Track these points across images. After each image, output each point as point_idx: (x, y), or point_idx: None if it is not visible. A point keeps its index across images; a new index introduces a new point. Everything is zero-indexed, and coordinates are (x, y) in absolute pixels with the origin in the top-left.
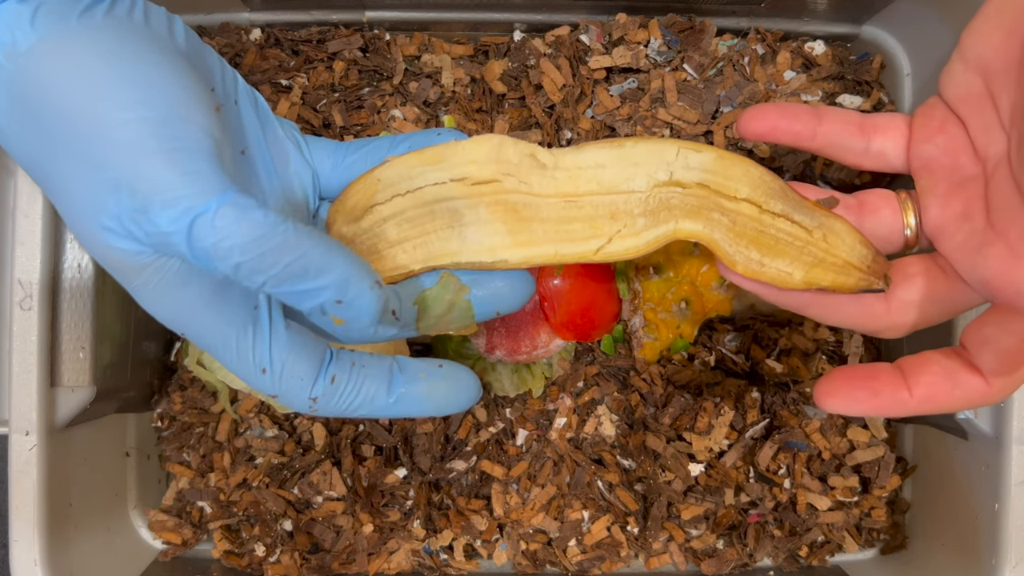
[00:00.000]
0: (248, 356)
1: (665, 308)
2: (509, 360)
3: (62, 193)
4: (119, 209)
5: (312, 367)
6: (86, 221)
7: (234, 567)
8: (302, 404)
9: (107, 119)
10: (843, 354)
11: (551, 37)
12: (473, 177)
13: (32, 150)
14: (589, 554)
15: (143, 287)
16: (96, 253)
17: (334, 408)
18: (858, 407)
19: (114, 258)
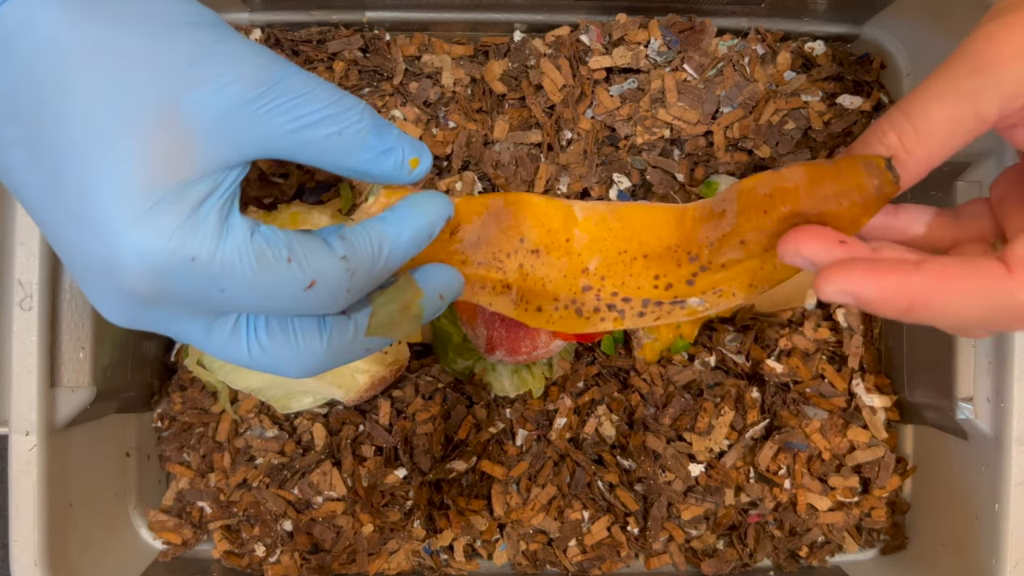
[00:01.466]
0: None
1: None
2: (509, 360)
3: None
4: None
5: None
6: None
7: (234, 567)
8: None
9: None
10: (843, 354)
11: (551, 37)
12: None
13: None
14: (589, 554)
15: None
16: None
17: (363, 255)
18: (855, 282)
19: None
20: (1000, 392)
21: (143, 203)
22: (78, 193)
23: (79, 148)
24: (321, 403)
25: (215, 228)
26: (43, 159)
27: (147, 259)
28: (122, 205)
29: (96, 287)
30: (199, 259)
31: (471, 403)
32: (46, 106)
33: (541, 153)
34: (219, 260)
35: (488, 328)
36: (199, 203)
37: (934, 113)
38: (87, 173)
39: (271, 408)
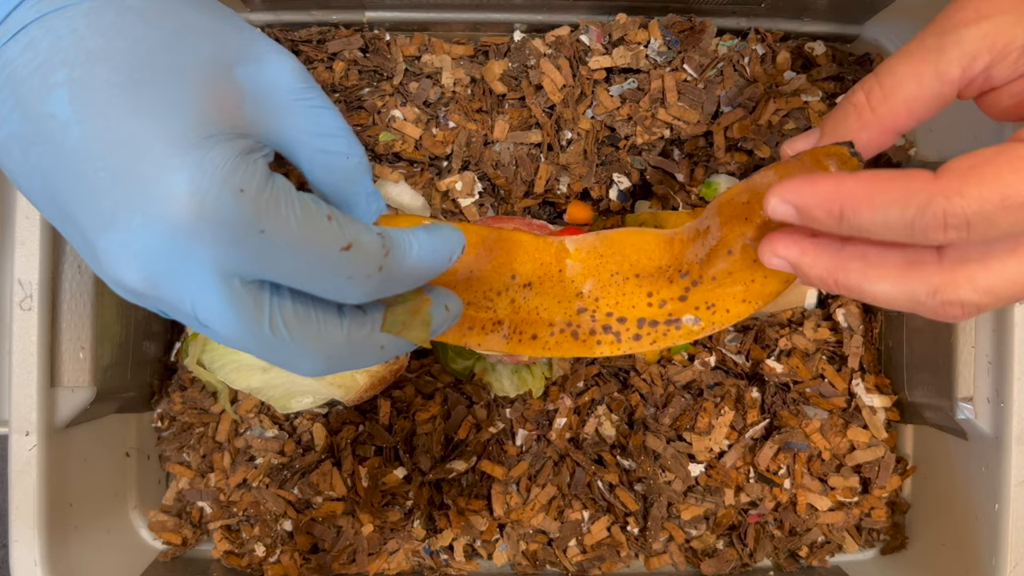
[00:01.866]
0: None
1: None
2: (509, 360)
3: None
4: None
5: (354, 213)
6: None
7: (234, 567)
8: (373, 240)
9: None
10: (843, 354)
11: (551, 37)
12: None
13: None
14: (589, 554)
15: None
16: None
17: (400, 248)
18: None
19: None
20: (1000, 392)
21: (197, 133)
22: (127, 128)
23: (134, 87)
24: (321, 403)
25: (264, 172)
26: (90, 98)
27: (197, 183)
28: (172, 138)
29: (126, 231)
30: (248, 191)
31: (471, 403)
32: (104, 52)
33: (541, 153)
34: (266, 198)
35: None
36: (249, 150)
37: (898, 70)
38: (141, 107)
39: (271, 408)
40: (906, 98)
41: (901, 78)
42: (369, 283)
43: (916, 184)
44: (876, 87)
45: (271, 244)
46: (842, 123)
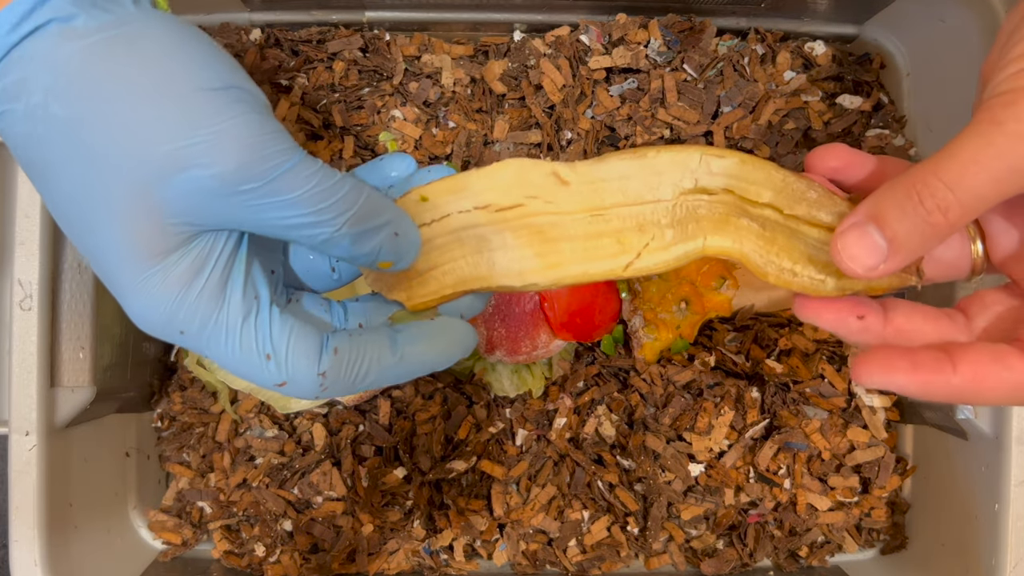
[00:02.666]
0: (252, 344)
1: (665, 308)
2: (509, 360)
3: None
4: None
5: (314, 344)
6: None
7: (234, 567)
8: (311, 383)
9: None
10: (843, 354)
11: (551, 37)
12: (496, 204)
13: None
14: (589, 554)
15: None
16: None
17: (344, 378)
18: (897, 379)
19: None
20: None
21: (136, 276)
22: (88, 250)
23: (73, 218)
24: (321, 403)
25: (206, 308)
26: (55, 212)
27: (147, 326)
28: (121, 273)
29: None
30: (188, 333)
31: (471, 403)
32: (42, 177)
33: (541, 153)
34: (207, 336)
35: (488, 328)
36: (188, 282)
37: (970, 177)
38: (86, 238)
39: (271, 408)
40: (983, 203)
41: (975, 184)
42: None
43: (1019, 376)
44: (956, 205)
45: (217, 359)
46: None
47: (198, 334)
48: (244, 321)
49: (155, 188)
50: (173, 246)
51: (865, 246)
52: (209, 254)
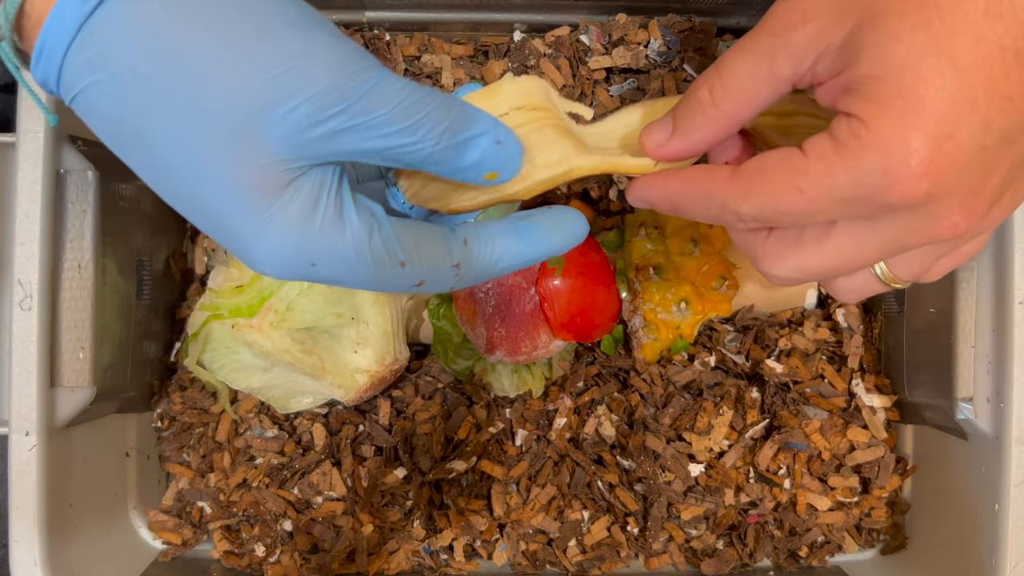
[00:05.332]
0: (383, 257)
1: (665, 308)
2: (509, 360)
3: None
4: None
5: (441, 240)
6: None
7: (234, 567)
8: (448, 276)
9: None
10: (843, 354)
11: (551, 37)
12: (532, 103)
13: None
14: (589, 554)
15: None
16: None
17: (476, 267)
18: (639, 187)
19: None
20: (1000, 392)
21: (257, 217)
22: (198, 206)
23: (181, 170)
24: (321, 403)
25: (331, 235)
26: (157, 173)
27: (277, 267)
28: (241, 221)
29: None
30: (319, 264)
31: (471, 403)
32: (141, 132)
33: None
34: (339, 259)
35: (488, 328)
36: (309, 212)
37: (737, 69)
38: (197, 192)
39: (271, 408)
40: (746, 95)
41: (740, 76)
42: (446, 290)
43: (714, 186)
44: (718, 85)
45: (352, 282)
46: (690, 119)
47: (329, 262)
48: (370, 238)
49: (257, 124)
50: (285, 182)
51: (657, 127)
52: (320, 185)
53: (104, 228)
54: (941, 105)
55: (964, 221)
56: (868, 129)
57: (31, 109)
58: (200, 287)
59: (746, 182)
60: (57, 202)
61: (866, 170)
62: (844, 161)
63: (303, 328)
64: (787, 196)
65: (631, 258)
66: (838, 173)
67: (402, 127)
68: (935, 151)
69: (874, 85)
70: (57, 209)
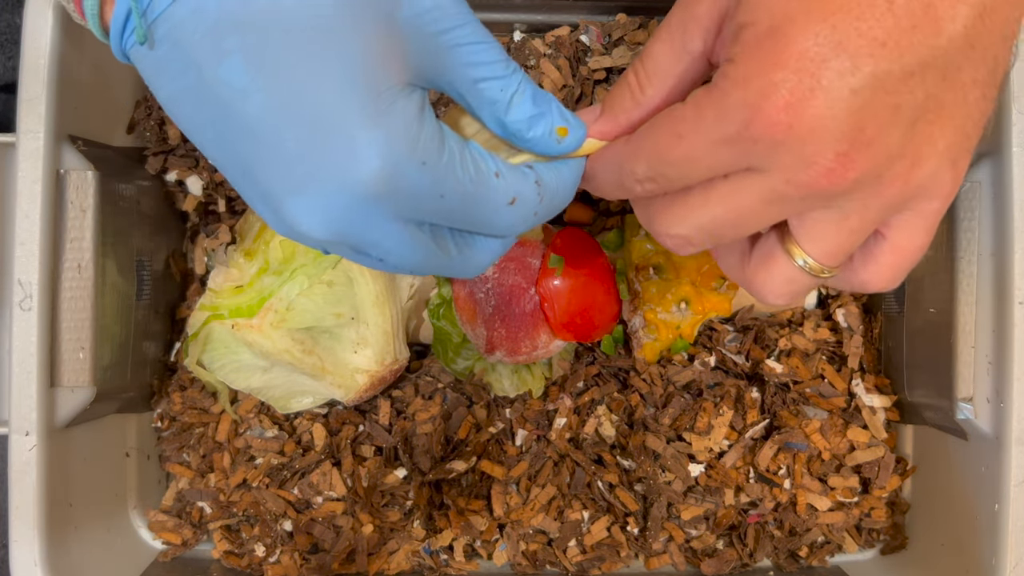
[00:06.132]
0: (481, 165)
1: (665, 308)
2: (509, 360)
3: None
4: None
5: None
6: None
7: (234, 567)
8: (532, 192)
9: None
10: (843, 354)
11: (551, 37)
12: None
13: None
14: (589, 554)
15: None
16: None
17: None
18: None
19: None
20: (1000, 392)
21: (375, 105)
22: (307, 96)
23: (305, 51)
24: (321, 403)
25: (438, 134)
26: (265, 66)
27: (387, 159)
28: (356, 106)
29: (316, 196)
30: (429, 163)
31: (471, 403)
32: (271, 10)
33: None
34: (444, 164)
35: (488, 328)
36: (421, 108)
37: (655, 51)
38: (317, 75)
39: (271, 408)
40: (666, 77)
41: (658, 59)
42: (525, 224)
43: (614, 151)
44: (641, 69)
45: (448, 205)
46: (619, 103)
47: (436, 162)
48: (465, 148)
49: (397, 12)
50: (407, 77)
51: (587, 110)
52: (424, 97)
53: (104, 228)
54: (805, 43)
55: (838, 167)
56: (735, 67)
57: (31, 109)
58: (200, 287)
59: (637, 139)
60: (57, 202)
61: (731, 105)
62: (713, 100)
63: (303, 328)
64: (668, 144)
65: (631, 258)
66: (708, 112)
67: (498, 58)
68: (796, 85)
69: (747, 30)
70: (57, 209)
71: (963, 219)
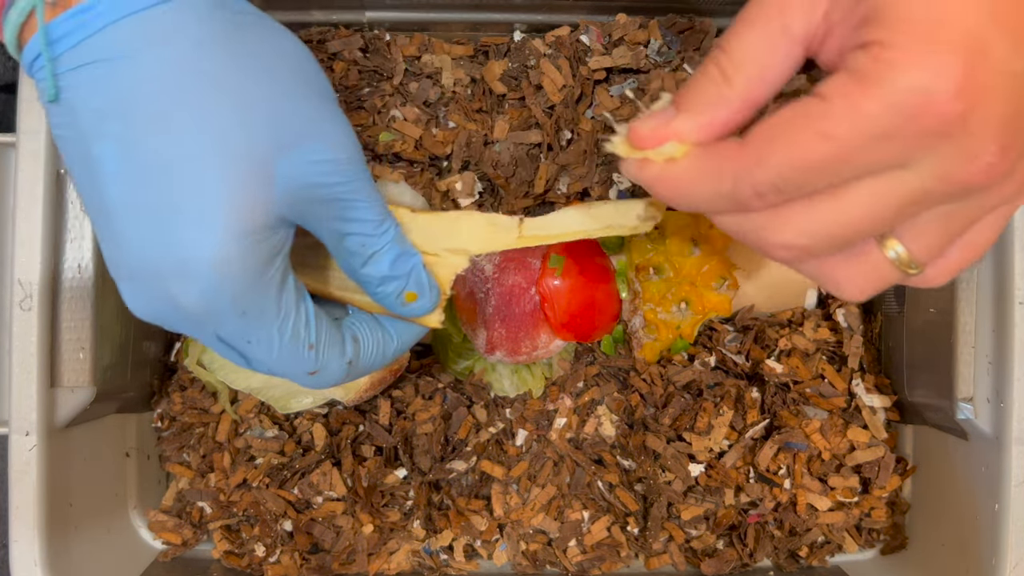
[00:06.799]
0: (301, 333)
1: (665, 308)
2: (509, 360)
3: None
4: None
5: (339, 334)
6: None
7: (234, 567)
8: (340, 369)
9: None
10: (843, 354)
11: (551, 37)
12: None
13: None
14: (589, 554)
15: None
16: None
17: (364, 364)
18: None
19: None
20: (1000, 392)
21: (220, 245)
22: (162, 208)
23: (176, 168)
24: (321, 403)
25: (273, 293)
26: (134, 163)
27: (207, 295)
28: (202, 237)
29: (139, 287)
30: (248, 314)
31: (471, 403)
32: (161, 117)
33: (541, 153)
34: (264, 322)
35: (488, 328)
36: (269, 260)
37: (745, 37)
38: (177, 193)
39: (271, 408)
40: (758, 65)
41: (748, 44)
42: (324, 386)
43: (725, 158)
44: (725, 58)
45: (253, 350)
46: (701, 98)
47: (258, 318)
48: (296, 308)
49: (276, 161)
50: (265, 223)
51: (655, 115)
52: (283, 243)
53: None
54: (969, 22)
55: (999, 162)
56: (892, 49)
57: (31, 109)
58: None
59: (759, 145)
60: (57, 202)
61: (897, 91)
62: (870, 89)
63: None
64: (811, 146)
65: (631, 258)
66: (866, 103)
67: (375, 217)
68: (968, 68)
69: (893, 9)
70: (57, 209)
71: None
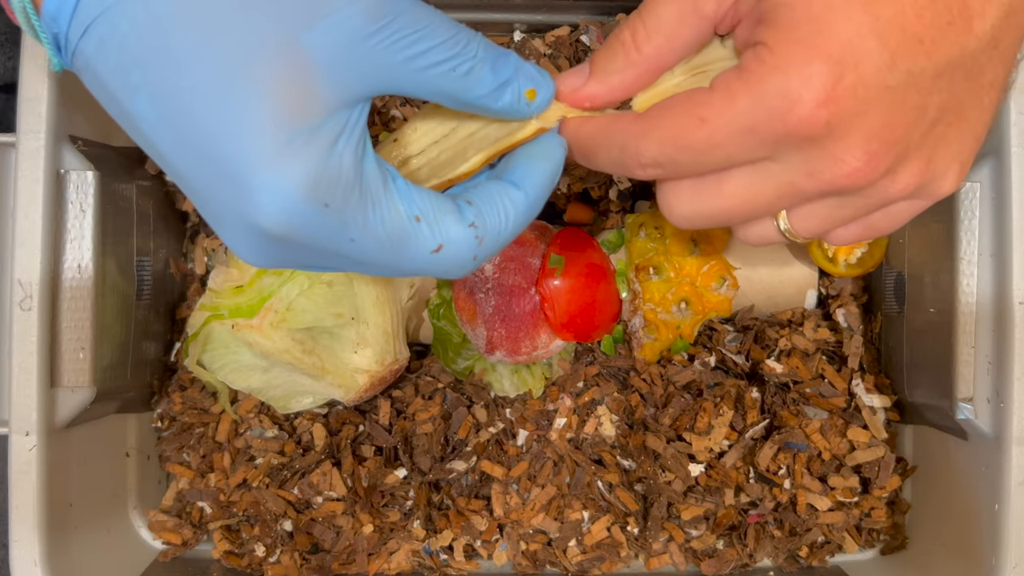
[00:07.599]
0: (399, 207)
1: (665, 308)
2: (509, 360)
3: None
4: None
5: (450, 201)
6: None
7: (234, 567)
8: (467, 239)
9: None
10: (843, 354)
11: (551, 38)
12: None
13: None
14: (589, 554)
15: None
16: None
17: (491, 228)
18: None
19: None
20: (1000, 392)
21: (274, 145)
22: (207, 137)
23: (201, 90)
24: (321, 403)
25: (350, 173)
26: (168, 104)
27: (282, 202)
28: (253, 147)
29: (233, 231)
30: (333, 205)
31: (471, 403)
32: (165, 48)
33: None
34: (352, 206)
35: (488, 328)
36: (331, 144)
37: (660, 11)
38: (214, 116)
39: (271, 408)
40: (669, 37)
41: (663, 16)
42: (469, 268)
43: (618, 127)
44: (640, 27)
45: (361, 249)
46: (610, 62)
47: (343, 205)
48: (384, 187)
49: (302, 37)
50: (317, 112)
51: (574, 71)
52: (345, 124)
53: (104, 228)
54: (847, 33)
55: (864, 167)
56: (772, 53)
57: (31, 109)
58: (200, 287)
59: (648, 120)
60: (57, 202)
61: (767, 93)
62: (746, 86)
63: (303, 328)
64: (688, 128)
65: (631, 258)
66: (740, 98)
67: (444, 39)
68: (838, 78)
69: (783, 12)
70: (57, 209)
71: (963, 219)
